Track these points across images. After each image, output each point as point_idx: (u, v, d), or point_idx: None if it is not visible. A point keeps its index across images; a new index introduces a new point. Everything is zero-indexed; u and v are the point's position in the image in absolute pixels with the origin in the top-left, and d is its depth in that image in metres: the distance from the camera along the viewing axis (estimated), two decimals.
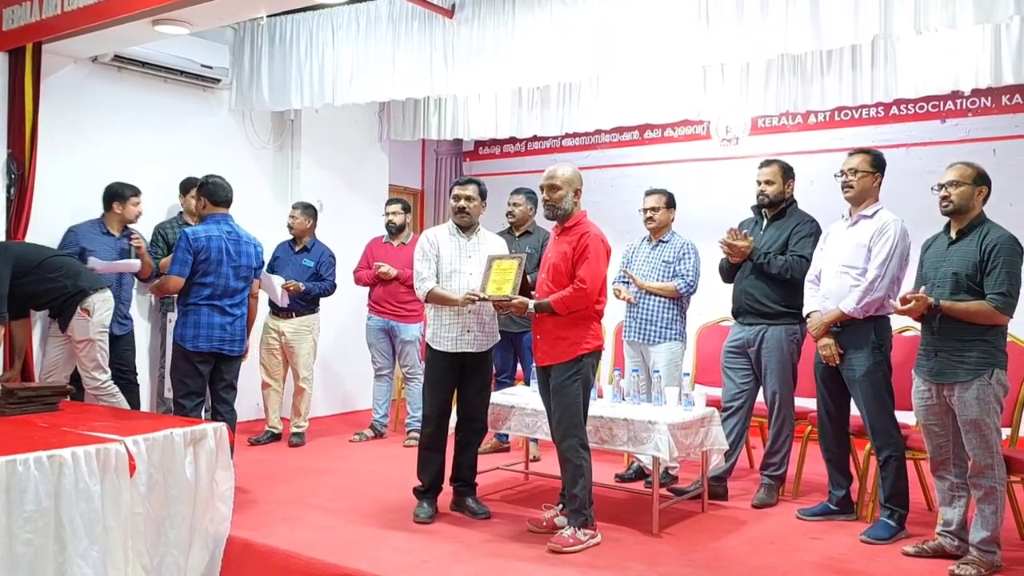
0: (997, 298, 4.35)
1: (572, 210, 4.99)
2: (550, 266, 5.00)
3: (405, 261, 7.44)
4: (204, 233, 5.73)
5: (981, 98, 7.59)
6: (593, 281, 4.82)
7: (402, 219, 7.72)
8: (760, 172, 5.81)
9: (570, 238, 4.93)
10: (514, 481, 6.33)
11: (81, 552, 3.97)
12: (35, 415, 4.94)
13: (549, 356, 4.96)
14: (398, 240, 7.72)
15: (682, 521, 5.34)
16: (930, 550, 4.64)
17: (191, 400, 5.76)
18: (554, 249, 5.04)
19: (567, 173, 4.96)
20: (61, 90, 7.02)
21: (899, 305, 4.54)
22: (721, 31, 5.76)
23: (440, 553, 4.62)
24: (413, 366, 7.66)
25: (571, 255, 4.88)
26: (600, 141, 9.71)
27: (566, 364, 4.88)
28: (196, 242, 5.67)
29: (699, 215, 7.79)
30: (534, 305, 4.91)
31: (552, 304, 4.84)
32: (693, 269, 6.13)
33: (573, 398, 4.86)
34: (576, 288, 4.80)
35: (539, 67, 6.51)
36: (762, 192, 5.77)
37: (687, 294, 6.15)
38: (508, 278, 5.07)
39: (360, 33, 7.28)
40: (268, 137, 8.79)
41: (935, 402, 4.58)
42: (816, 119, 8.34)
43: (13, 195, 6.56)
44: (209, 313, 5.73)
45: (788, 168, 5.80)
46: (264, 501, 5.60)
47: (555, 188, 4.92)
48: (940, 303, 4.43)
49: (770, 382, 5.69)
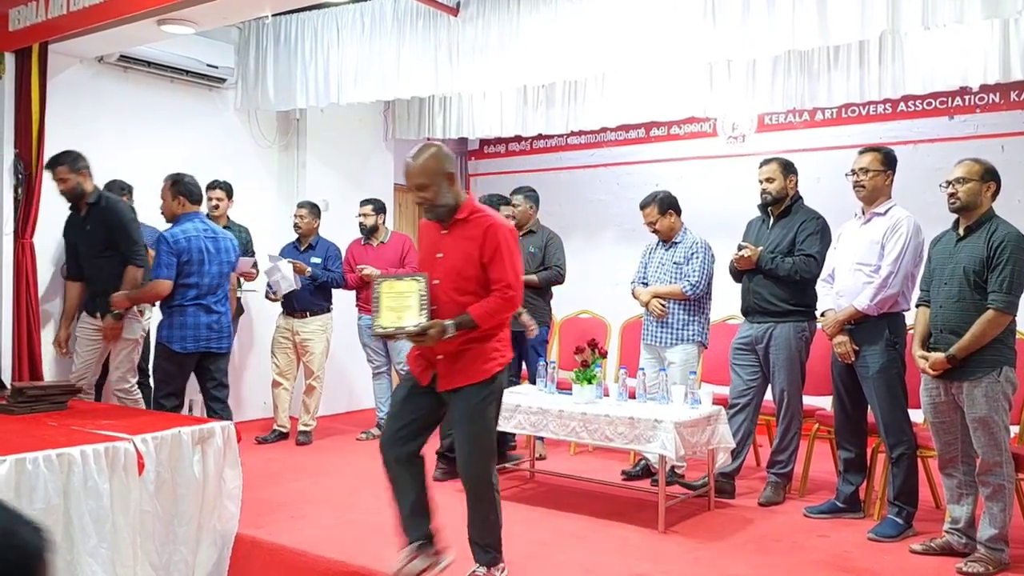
0: (998, 298, 4.34)
1: (455, 201, 4.06)
2: (448, 271, 4.05)
3: (385, 261, 7.47)
4: (183, 234, 5.77)
5: (989, 94, 7.57)
6: (518, 281, 4.06)
7: (373, 220, 7.71)
8: (760, 171, 5.81)
9: (470, 233, 4.02)
10: (520, 479, 6.33)
11: (90, 550, 3.98)
12: (44, 414, 4.95)
13: (458, 378, 4.05)
14: (377, 240, 7.73)
15: (688, 519, 5.33)
16: (938, 548, 4.64)
17: (171, 400, 5.82)
18: (450, 249, 4.07)
19: (428, 163, 3.97)
20: (67, 90, 7.03)
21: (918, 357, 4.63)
22: (727, 27, 5.75)
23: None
24: None
25: (477, 255, 3.98)
26: (606, 139, 9.70)
27: (479, 385, 4.03)
28: (177, 244, 5.72)
29: (705, 213, 7.77)
30: (453, 325, 3.92)
31: (475, 318, 3.95)
32: (699, 269, 6.08)
33: (488, 425, 4.08)
34: (502, 294, 3.98)
35: (544, 65, 6.51)
36: (764, 191, 5.77)
37: (693, 295, 6.10)
38: (407, 303, 4.02)
39: (365, 32, 7.28)
40: (273, 136, 8.80)
41: (944, 399, 4.57)
42: (823, 116, 8.33)
43: (21, 195, 6.58)
44: (195, 313, 5.79)
45: (788, 164, 5.78)
46: (272, 499, 5.61)
47: (422, 187, 3.98)
48: (953, 355, 4.44)
49: (778, 380, 5.68)
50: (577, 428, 5.35)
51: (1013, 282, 4.34)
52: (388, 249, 7.70)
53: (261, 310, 7.87)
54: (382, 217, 7.81)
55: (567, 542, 4.85)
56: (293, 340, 7.59)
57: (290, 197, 8.76)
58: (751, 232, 5.90)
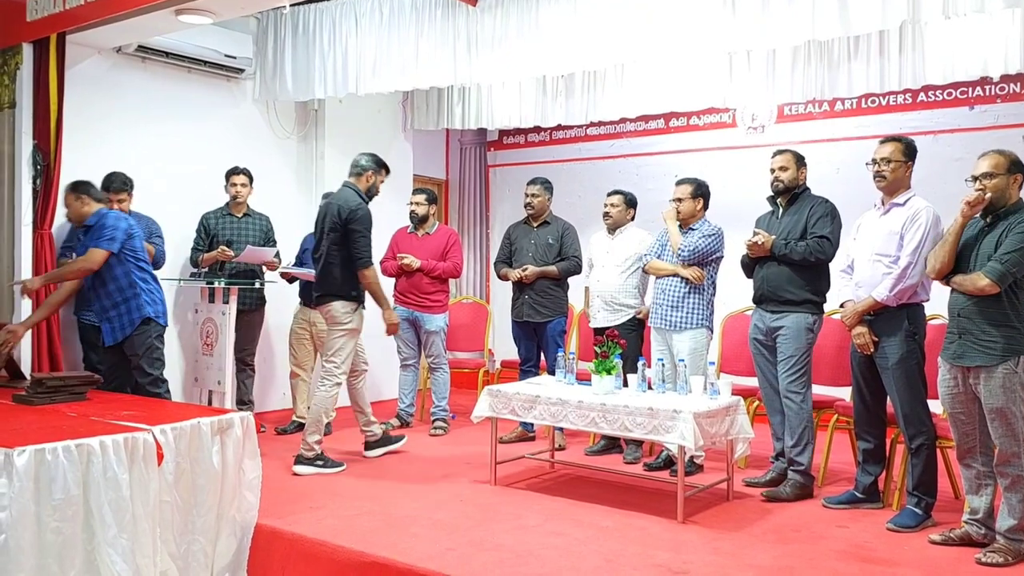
0: (993, 267, 4.31)
1: None
2: None
3: (429, 252, 7.45)
4: (125, 218, 5.90)
5: (1010, 84, 7.51)
6: None
7: (425, 210, 7.71)
8: (773, 160, 5.80)
9: None
10: (540, 470, 6.33)
11: (110, 540, 3.99)
12: (63, 404, 4.97)
13: None
14: (423, 230, 7.71)
15: (707, 509, 5.33)
16: (957, 538, 4.61)
17: (165, 379, 5.95)
18: None
19: None
20: (85, 81, 7.05)
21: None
22: (747, 17, 5.71)
23: (464, 541, 4.62)
24: (438, 356, 7.67)
25: None
26: (625, 130, 9.69)
27: None
28: (132, 228, 5.85)
29: (725, 203, 7.71)
30: None
31: None
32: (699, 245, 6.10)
33: None
34: None
35: (563, 55, 6.48)
36: (777, 179, 5.75)
37: (683, 259, 6.12)
38: None
39: (383, 22, 7.26)
40: (292, 127, 8.81)
41: (961, 390, 4.54)
42: (843, 106, 8.29)
43: (39, 186, 6.60)
44: (159, 287, 5.96)
45: (800, 156, 5.78)
46: (291, 490, 5.63)
47: None
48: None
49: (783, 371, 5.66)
50: (596, 419, 5.35)
51: (1013, 259, 4.30)
52: (433, 240, 7.69)
53: (281, 301, 7.88)
54: (433, 207, 7.81)
55: (587, 532, 4.84)
56: (311, 331, 7.59)
57: (309, 188, 8.78)
58: (762, 225, 5.86)
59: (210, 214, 7.44)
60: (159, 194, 7.31)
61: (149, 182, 7.16)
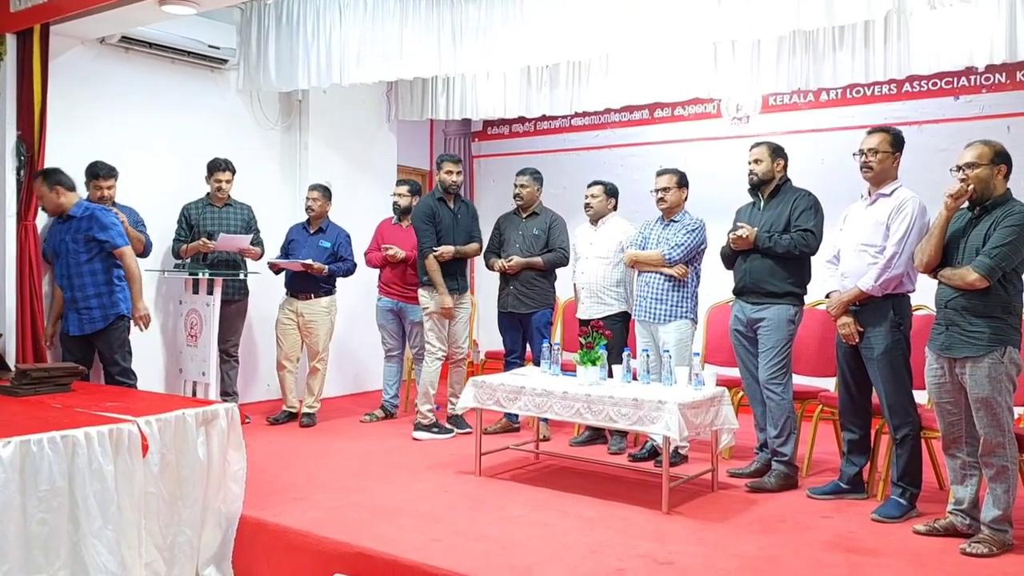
0: (982, 262, 4.32)
1: None
2: None
3: (414, 242, 7.44)
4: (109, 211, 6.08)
5: (995, 74, 7.53)
6: None
7: (408, 201, 7.71)
8: (750, 152, 5.81)
9: None
10: (524, 461, 6.34)
11: (95, 531, 3.99)
12: (48, 396, 4.95)
13: None
14: (407, 221, 7.70)
15: (692, 500, 5.34)
16: (941, 529, 4.63)
17: (134, 371, 6.18)
18: None
19: None
20: (69, 71, 7.00)
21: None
22: (732, 7, 5.71)
23: (449, 532, 4.62)
24: (423, 347, 7.67)
25: None
26: (610, 120, 9.68)
27: None
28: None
29: (710, 194, 7.73)
30: None
31: None
32: (684, 243, 6.12)
33: None
34: None
35: (548, 45, 6.46)
36: (751, 171, 5.77)
37: (670, 261, 6.12)
38: None
39: (367, 12, 7.22)
40: (276, 118, 8.77)
41: (947, 380, 4.56)
42: (828, 97, 8.30)
43: (23, 177, 6.56)
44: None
45: (777, 147, 5.77)
46: (276, 481, 5.62)
47: None
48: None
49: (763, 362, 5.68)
50: (581, 409, 5.35)
51: (1002, 253, 4.31)
52: None
53: (266, 292, 7.86)
54: (417, 199, 7.80)
55: (571, 523, 4.84)
56: (297, 321, 7.58)
57: (293, 178, 8.76)
58: (743, 217, 5.87)
59: (191, 205, 7.42)
60: (142, 184, 7.28)
61: (132, 172, 7.14)
